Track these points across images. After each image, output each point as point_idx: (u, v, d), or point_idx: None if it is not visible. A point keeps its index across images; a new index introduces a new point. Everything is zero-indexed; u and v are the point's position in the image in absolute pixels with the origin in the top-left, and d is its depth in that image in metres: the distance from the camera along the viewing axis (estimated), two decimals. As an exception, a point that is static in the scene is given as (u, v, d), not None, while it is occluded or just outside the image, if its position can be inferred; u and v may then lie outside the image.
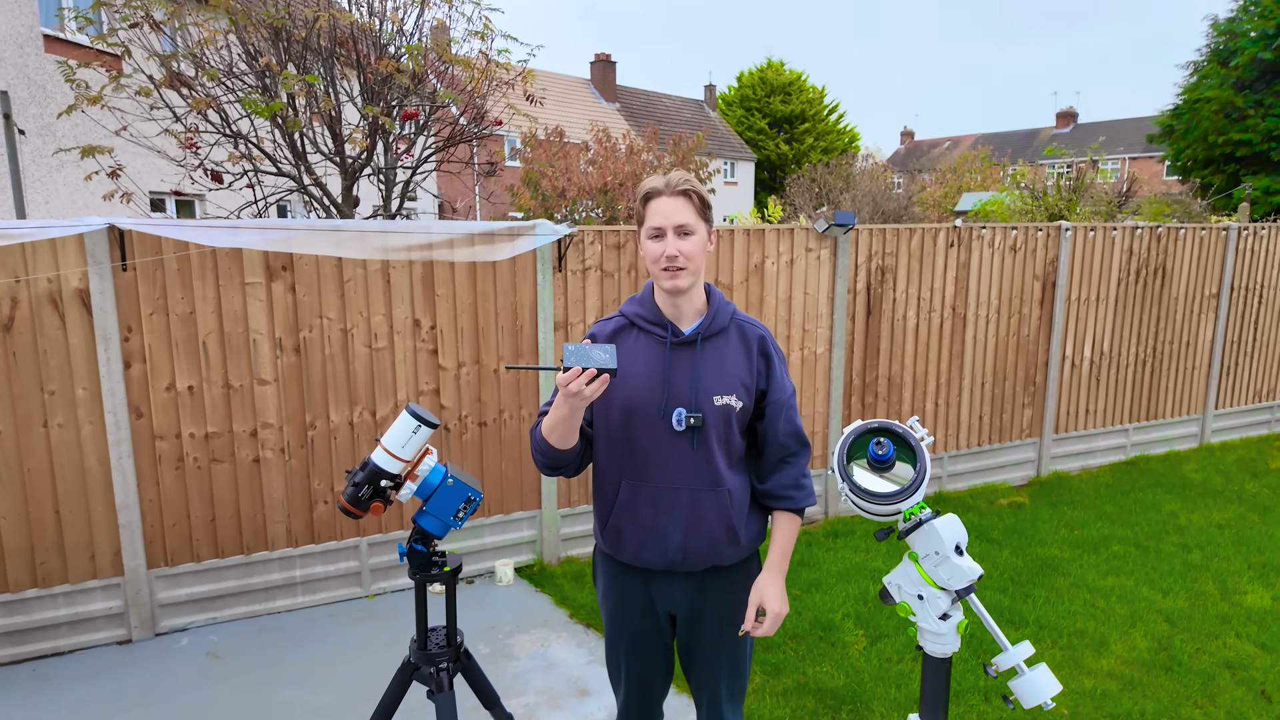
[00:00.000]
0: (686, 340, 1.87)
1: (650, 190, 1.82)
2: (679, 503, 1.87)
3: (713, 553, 1.89)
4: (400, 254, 3.83)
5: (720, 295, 1.96)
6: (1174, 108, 16.33)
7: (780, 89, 37.08)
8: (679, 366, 1.86)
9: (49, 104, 9.02)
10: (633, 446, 1.88)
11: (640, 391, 1.86)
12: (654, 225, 1.80)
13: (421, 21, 4.80)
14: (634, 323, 1.92)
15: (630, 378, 1.86)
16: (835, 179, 22.39)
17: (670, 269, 1.79)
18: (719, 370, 1.87)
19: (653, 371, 1.87)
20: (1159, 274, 6.08)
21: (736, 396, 1.87)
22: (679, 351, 1.87)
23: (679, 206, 1.79)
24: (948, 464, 5.55)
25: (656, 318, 1.89)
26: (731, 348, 1.90)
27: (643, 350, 1.89)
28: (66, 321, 3.36)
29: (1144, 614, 3.83)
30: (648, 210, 1.82)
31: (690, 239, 1.79)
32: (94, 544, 3.53)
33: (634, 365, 1.88)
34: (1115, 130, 38.27)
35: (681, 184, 1.80)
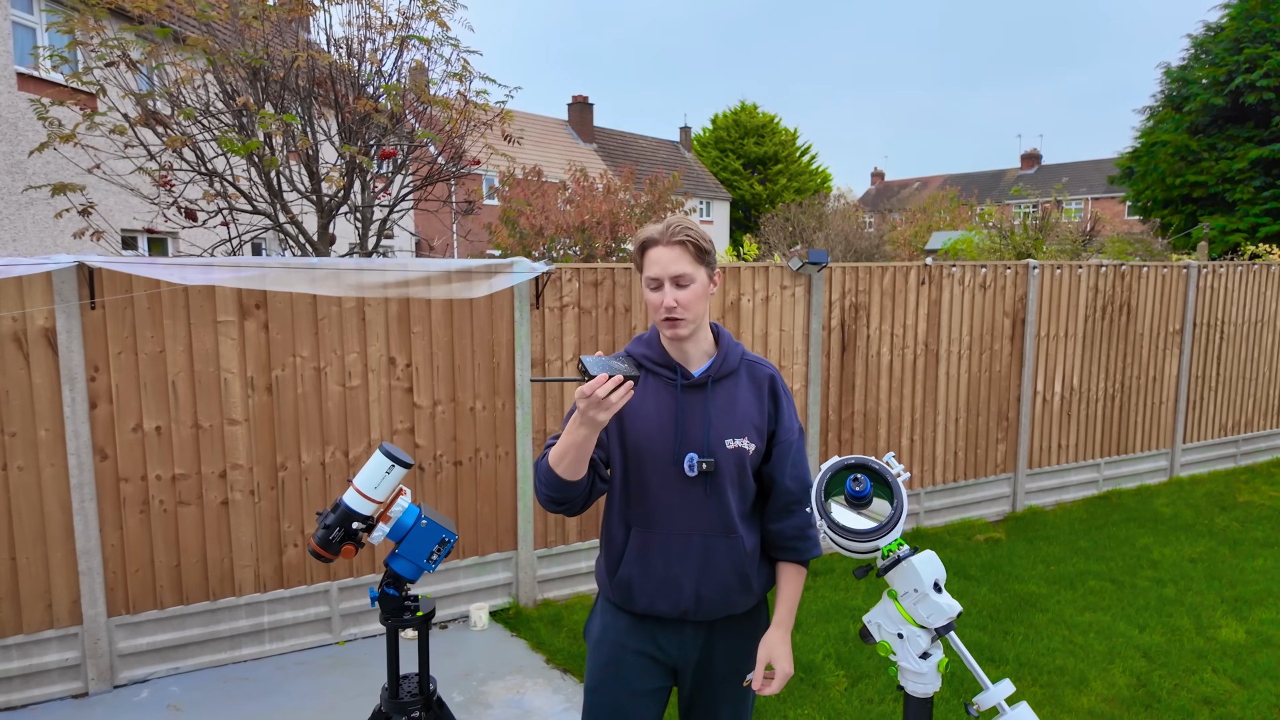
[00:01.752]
0: (697, 383, 1.82)
1: (647, 240, 1.77)
2: (691, 551, 1.81)
3: (725, 602, 1.84)
4: (376, 291, 3.81)
5: (729, 335, 1.91)
6: (1133, 150, 16.91)
7: (754, 131, 37.89)
8: (690, 410, 1.81)
9: (20, 141, 8.94)
10: (644, 493, 1.82)
11: (651, 436, 1.80)
12: (651, 275, 1.76)
13: (400, 63, 4.85)
14: (641, 364, 1.87)
15: (640, 421, 1.81)
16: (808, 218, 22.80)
17: (669, 319, 1.76)
18: (730, 413, 1.83)
19: (663, 415, 1.81)
20: (1124, 310, 6.23)
21: (749, 439, 1.83)
22: (689, 394, 1.82)
23: (675, 256, 1.75)
24: (924, 500, 5.57)
25: (664, 360, 1.84)
26: (742, 389, 1.86)
27: (652, 393, 1.83)
28: (30, 361, 3.28)
29: (1122, 650, 3.83)
30: (645, 260, 1.78)
31: (688, 289, 1.75)
32: (51, 592, 3.40)
33: (643, 407, 1.82)
34: (1077, 171, 39.51)
35: (678, 233, 1.75)
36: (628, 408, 1.80)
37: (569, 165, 16.29)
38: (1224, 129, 14.87)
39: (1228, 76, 14.44)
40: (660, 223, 1.79)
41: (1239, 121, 14.62)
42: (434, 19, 4.68)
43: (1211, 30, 15.47)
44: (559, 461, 1.70)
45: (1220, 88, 14.61)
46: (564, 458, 1.68)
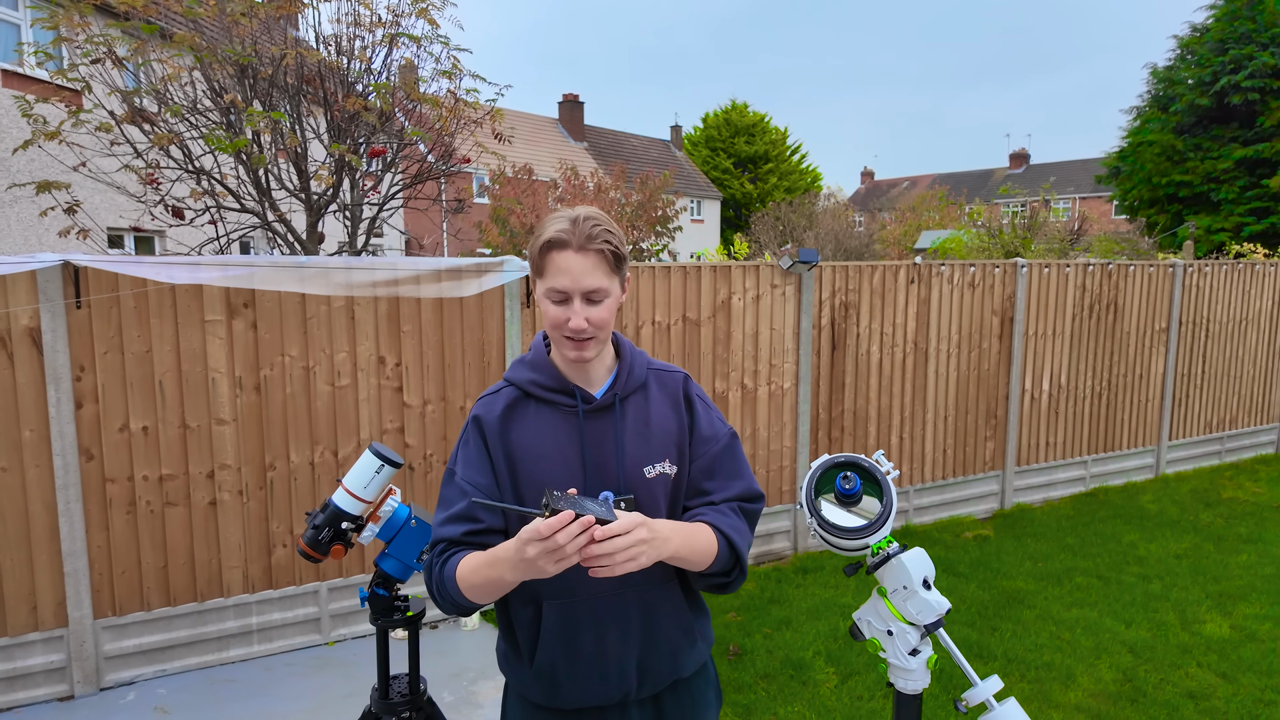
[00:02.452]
0: (602, 404, 1.51)
1: (554, 240, 1.39)
2: (627, 613, 1.49)
3: (673, 665, 1.56)
4: (365, 290, 3.80)
5: (629, 343, 1.60)
6: (1119, 150, 17.05)
7: (744, 130, 37.95)
8: (597, 440, 1.49)
9: (3, 139, 8.85)
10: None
11: (556, 479, 1.46)
12: (556, 286, 1.40)
13: (390, 60, 4.83)
14: (529, 393, 1.52)
15: (540, 465, 1.47)
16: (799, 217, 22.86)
17: (576, 341, 1.44)
18: (645, 434, 1.53)
19: (567, 451, 1.48)
20: (1111, 309, 6.27)
21: (670, 461, 1.54)
22: (594, 421, 1.50)
23: (590, 266, 1.40)
24: (913, 497, 5.59)
25: (559, 384, 1.51)
26: (655, 404, 1.56)
27: (548, 427, 1.50)
28: (15, 360, 3.25)
29: (1108, 645, 3.87)
30: (548, 263, 1.41)
31: (602, 304, 1.43)
32: (36, 594, 3.37)
33: (540, 446, 1.48)
34: (1065, 171, 39.79)
35: (596, 237, 1.40)
36: (523, 451, 1.48)
37: (560, 164, 16.26)
38: (1209, 129, 15.01)
39: (1213, 77, 14.57)
40: (565, 217, 1.41)
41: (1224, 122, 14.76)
42: (423, 16, 4.66)
43: (1197, 31, 15.61)
44: (473, 590, 1.40)
45: (1206, 88, 14.74)
46: (482, 591, 1.40)
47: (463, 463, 1.52)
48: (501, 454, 1.50)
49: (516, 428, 1.50)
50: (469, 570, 1.41)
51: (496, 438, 1.50)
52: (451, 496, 1.51)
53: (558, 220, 1.42)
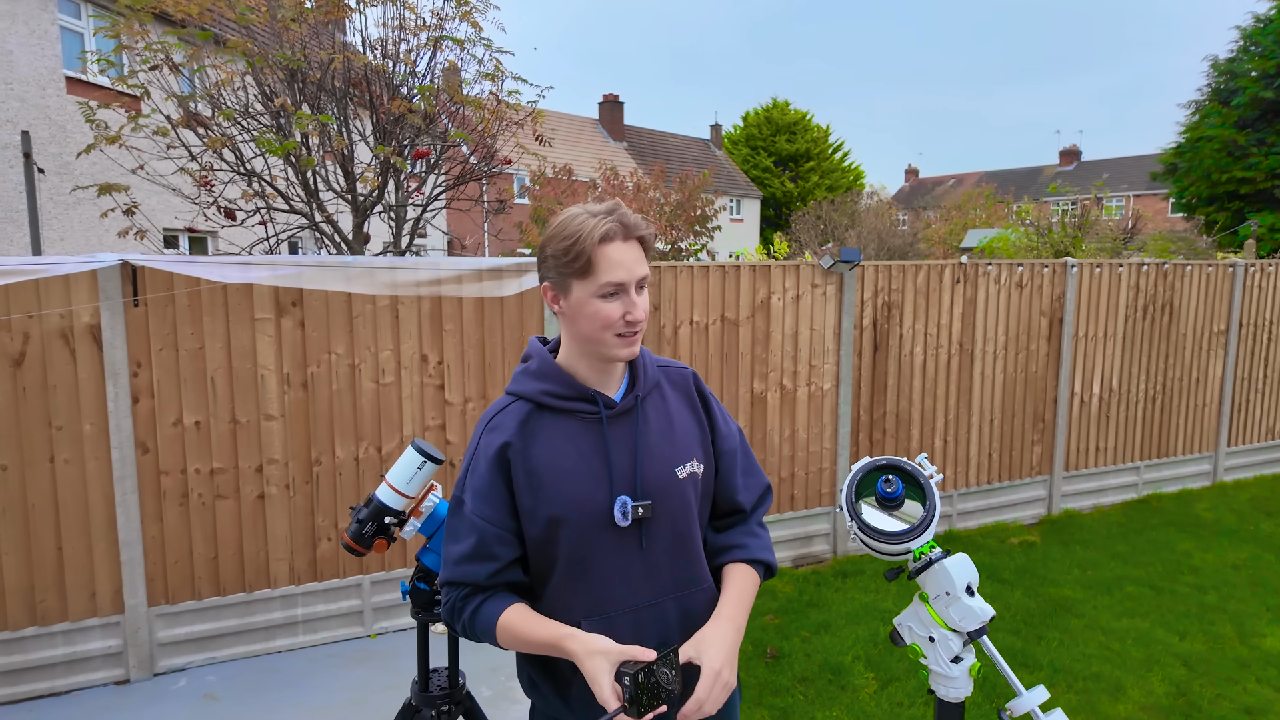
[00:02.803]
0: (624, 409, 1.45)
1: (606, 234, 1.34)
2: (668, 620, 1.45)
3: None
4: (409, 290, 3.86)
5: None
6: (1177, 146, 16.47)
7: (785, 128, 37.63)
8: (620, 446, 1.43)
9: (68, 143, 9.22)
10: (591, 570, 1.41)
11: (583, 494, 1.40)
12: (615, 280, 1.35)
13: (434, 63, 4.90)
14: (542, 404, 1.44)
15: (564, 479, 1.40)
16: (840, 216, 22.58)
17: (629, 336, 1.39)
18: (670, 434, 1.48)
19: (591, 462, 1.41)
20: (1166, 310, 6.07)
21: (697, 459, 1.51)
22: (616, 426, 1.45)
23: (639, 254, 1.38)
24: (957, 502, 5.48)
25: (577, 391, 1.43)
26: (673, 403, 1.52)
27: (568, 439, 1.42)
28: (77, 357, 3.38)
29: (1160, 657, 3.74)
30: (601, 260, 1.34)
31: (645, 292, 1.42)
32: (95, 581, 3.50)
33: (563, 461, 1.40)
34: (1118, 168, 38.59)
35: (637, 225, 1.38)
36: (545, 468, 1.40)
37: (599, 164, 16.34)
38: (1273, 123, 14.41)
39: (1278, 69, 13.98)
40: (593, 214, 1.36)
41: (1289, 115, 14.16)
42: (467, 19, 4.72)
43: (1261, 22, 15.00)
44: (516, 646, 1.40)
45: (1270, 81, 14.16)
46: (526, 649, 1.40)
47: (472, 493, 1.42)
48: (522, 474, 1.40)
49: (535, 445, 1.41)
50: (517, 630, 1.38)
51: (516, 458, 1.40)
52: (461, 529, 1.43)
53: (590, 217, 1.36)
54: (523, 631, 1.38)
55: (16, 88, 8.79)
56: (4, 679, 3.39)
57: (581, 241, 1.34)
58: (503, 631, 1.39)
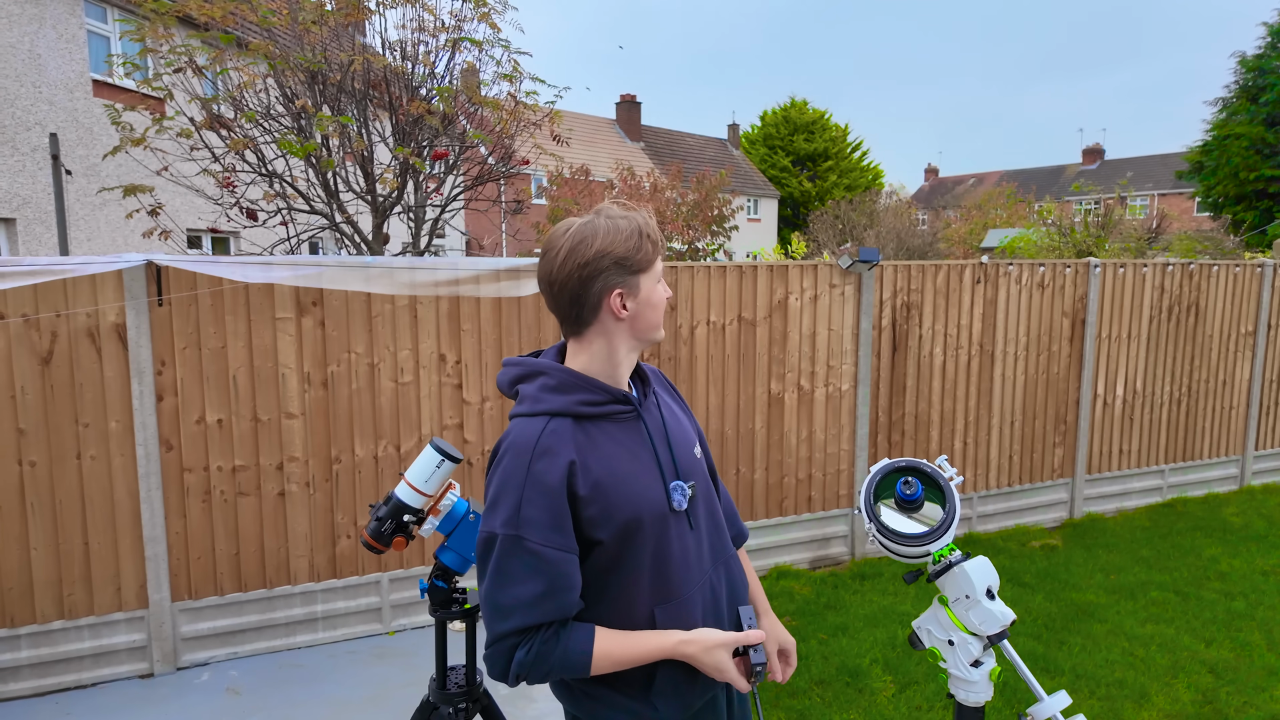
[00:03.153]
0: (647, 402, 1.55)
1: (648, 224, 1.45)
2: (719, 589, 1.55)
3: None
4: (428, 290, 3.89)
5: None
6: (1203, 144, 16.22)
7: (803, 127, 37.47)
8: (657, 436, 1.52)
9: (95, 145, 9.37)
10: (662, 564, 1.46)
11: (649, 490, 1.45)
12: (661, 278, 1.49)
13: (452, 65, 4.93)
14: (581, 414, 1.42)
15: (629, 482, 1.42)
16: (859, 215, 22.44)
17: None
18: (678, 421, 1.60)
19: (641, 457, 1.47)
20: (1192, 311, 5.97)
21: (699, 440, 1.65)
22: (647, 418, 1.53)
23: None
24: (977, 504, 5.43)
25: (610, 394, 1.46)
26: (662, 394, 1.63)
27: (615, 442, 1.44)
28: (103, 355, 3.44)
29: (1186, 664, 3.68)
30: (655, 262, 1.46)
31: None
32: (120, 576, 3.55)
33: (622, 464, 1.43)
34: (1143, 166, 38.04)
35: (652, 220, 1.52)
36: (609, 476, 1.40)
37: (616, 164, 16.35)
38: (1303, 120, 14.14)
39: (1308, 65, 13.72)
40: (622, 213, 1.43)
41: (1320, 112, 13.89)
42: (485, 20, 4.74)
43: (1290, 17, 14.73)
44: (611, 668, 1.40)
45: (1300, 77, 13.89)
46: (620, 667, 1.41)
47: (535, 527, 1.34)
48: (588, 488, 1.38)
49: (591, 457, 1.39)
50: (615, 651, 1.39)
51: (580, 475, 1.37)
52: (523, 569, 1.34)
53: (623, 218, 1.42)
54: (624, 652, 1.40)
55: (45, 91, 8.96)
56: (33, 671, 3.45)
57: (645, 233, 1.41)
58: (600, 659, 1.38)
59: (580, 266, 1.38)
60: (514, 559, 1.34)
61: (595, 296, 1.40)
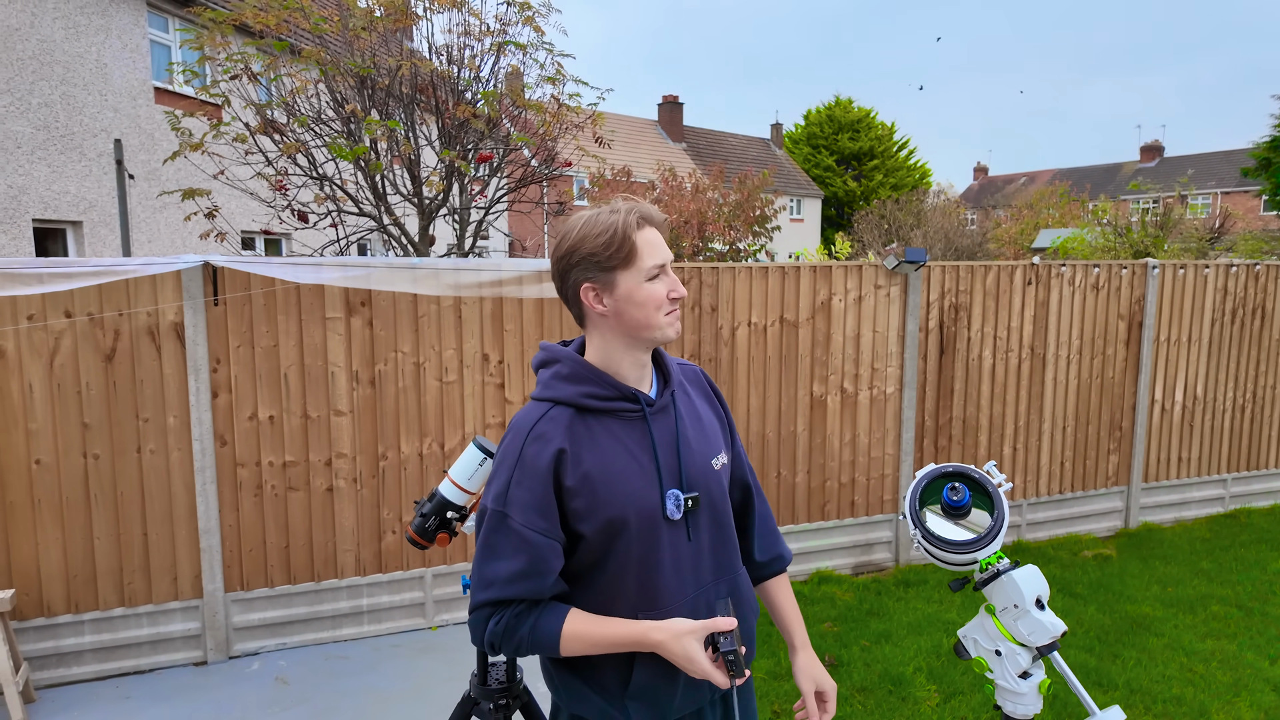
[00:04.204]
0: (662, 404, 1.49)
1: (639, 221, 1.41)
2: (715, 607, 1.49)
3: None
4: (472, 290, 3.94)
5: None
6: (1271, 140, 15.54)
7: (848, 126, 36.98)
8: (664, 441, 1.46)
9: (156, 150, 9.73)
10: (647, 566, 1.42)
11: (639, 491, 1.41)
12: (657, 261, 1.41)
13: (497, 68, 5.00)
14: (584, 406, 1.42)
15: (620, 480, 1.40)
16: (905, 215, 22.06)
17: (674, 312, 1.45)
18: (701, 427, 1.53)
19: (640, 459, 1.43)
20: (1258, 314, 5.72)
21: (724, 452, 1.56)
22: (657, 422, 1.47)
23: (663, 238, 1.48)
24: (1026, 512, 5.29)
25: (618, 390, 1.44)
26: (694, 397, 1.57)
27: (615, 438, 1.42)
28: (162, 353, 3.57)
29: (1249, 682, 3.53)
30: (641, 244, 1.40)
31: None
32: (176, 566, 3.68)
33: (615, 461, 1.41)
34: (1205, 164, 36.61)
35: (657, 215, 1.46)
36: (599, 471, 1.39)
37: (658, 165, 16.35)
38: (1381, 114, 13.44)
39: (1386, 56, 13.04)
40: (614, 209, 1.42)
41: (1399, 105, 13.18)
42: (529, 24, 4.79)
43: (1367, 5, 14.01)
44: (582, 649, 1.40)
45: (1377, 68, 13.20)
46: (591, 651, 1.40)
47: (520, 507, 1.37)
48: (576, 480, 1.38)
49: (585, 449, 1.39)
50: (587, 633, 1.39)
51: (568, 465, 1.38)
52: (506, 545, 1.38)
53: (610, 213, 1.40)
54: (593, 635, 1.39)
55: (110, 99, 9.33)
56: (95, 656, 3.59)
57: (621, 232, 1.39)
58: (569, 639, 1.39)
59: (558, 259, 1.44)
60: (499, 534, 1.39)
61: (571, 290, 1.44)
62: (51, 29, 8.58)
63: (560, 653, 1.40)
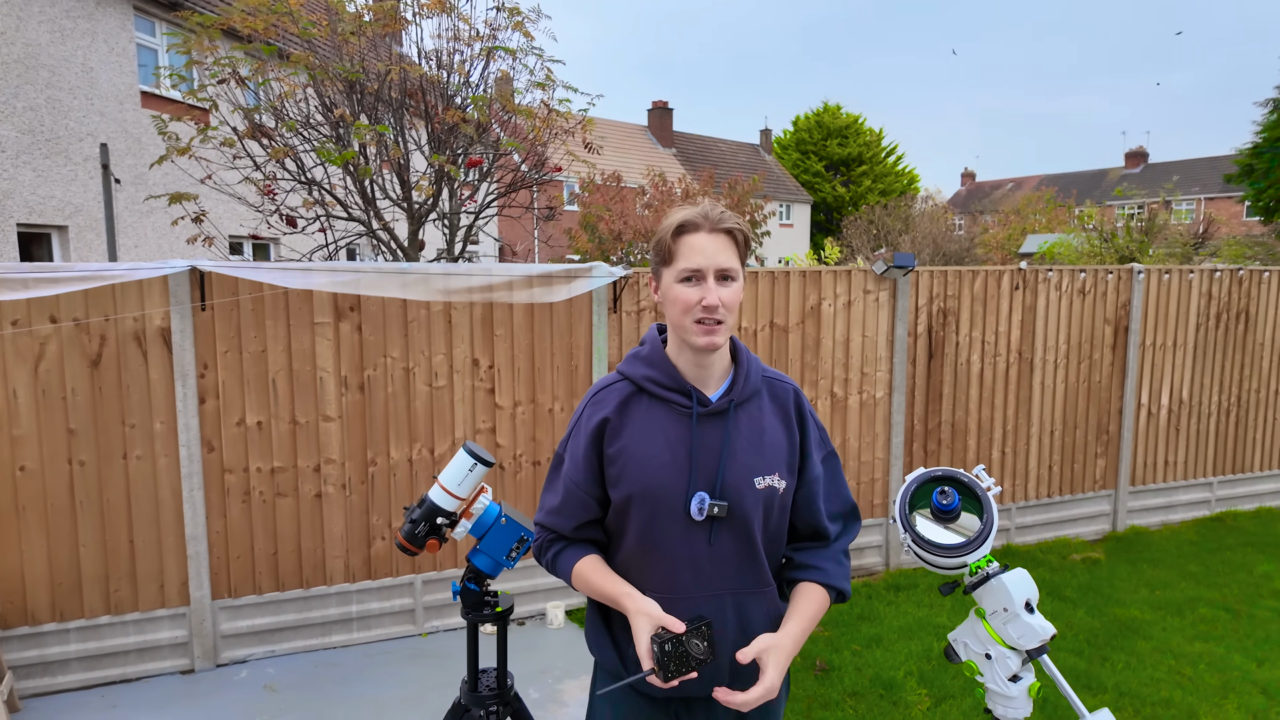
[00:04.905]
0: (716, 409, 1.52)
1: (685, 222, 1.46)
2: (724, 614, 1.52)
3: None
4: (462, 295, 3.93)
5: (746, 349, 1.61)
6: (1253, 146, 15.74)
7: (837, 132, 37.17)
8: (707, 443, 1.50)
9: (143, 155, 9.67)
10: (660, 552, 1.51)
11: (663, 479, 1.49)
12: (690, 266, 1.45)
13: (487, 73, 4.99)
14: (643, 388, 1.54)
15: (649, 465, 1.49)
16: (894, 220, 22.19)
17: (707, 322, 1.45)
18: (759, 445, 1.53)
19: (677, 452, 1.50)
20: (1242, 319, 5.78)
21: (780, 475, 1.53)
22: (706, 424, 1.51)
23: (721, 245, 1.46)
24: (1015, 516, 5.31)
25: (675, 382, 1.52)
26: (768, 415, 1.56)
27: (659, 425, 1.51)
28: (149, 358, 3.54)
29: (1237, 684, 3.55)
30: (680, 246, 1.47)
31: (732, 286, 1.47)
32: (163, 573, 3.64)
33: (650, 445, 1.50)
34: (1189, 170, 37.01)
35: (724, 219, 1.47)
36: (633, 448, 1.51)
37: (648, 170, 16.39)
38: (1360, 121, 13.65)
39: (1365, 64, 13.24)
40: (690, 208, 1.49)
41: (1378, 112, 13.39)
42: (519, 29, 4.80)
43: (1346, 14, 14.23)
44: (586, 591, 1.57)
45: (1356, 76, 13.40)
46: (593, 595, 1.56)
47: (570, 457, 1.59)
48: (614, 449, 1.53)
49: (629, 425, 1.53)
50: (589, 578, 1.54)
51: (610, 434, 1.54)
52: (557, 484, 1.62)
53: (684, 210, 1.50)
54: (593, 580, 1.54)
55: (97, 103, 9.27)
56: (81, 664, 3.55)
57: (665, 231, 1.50)
58: (577, 577, 1.57)
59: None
60: (554, 473, 1.64)
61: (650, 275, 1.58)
62: (37, 32, 8.52)
63: (572, 585, 1.58)
